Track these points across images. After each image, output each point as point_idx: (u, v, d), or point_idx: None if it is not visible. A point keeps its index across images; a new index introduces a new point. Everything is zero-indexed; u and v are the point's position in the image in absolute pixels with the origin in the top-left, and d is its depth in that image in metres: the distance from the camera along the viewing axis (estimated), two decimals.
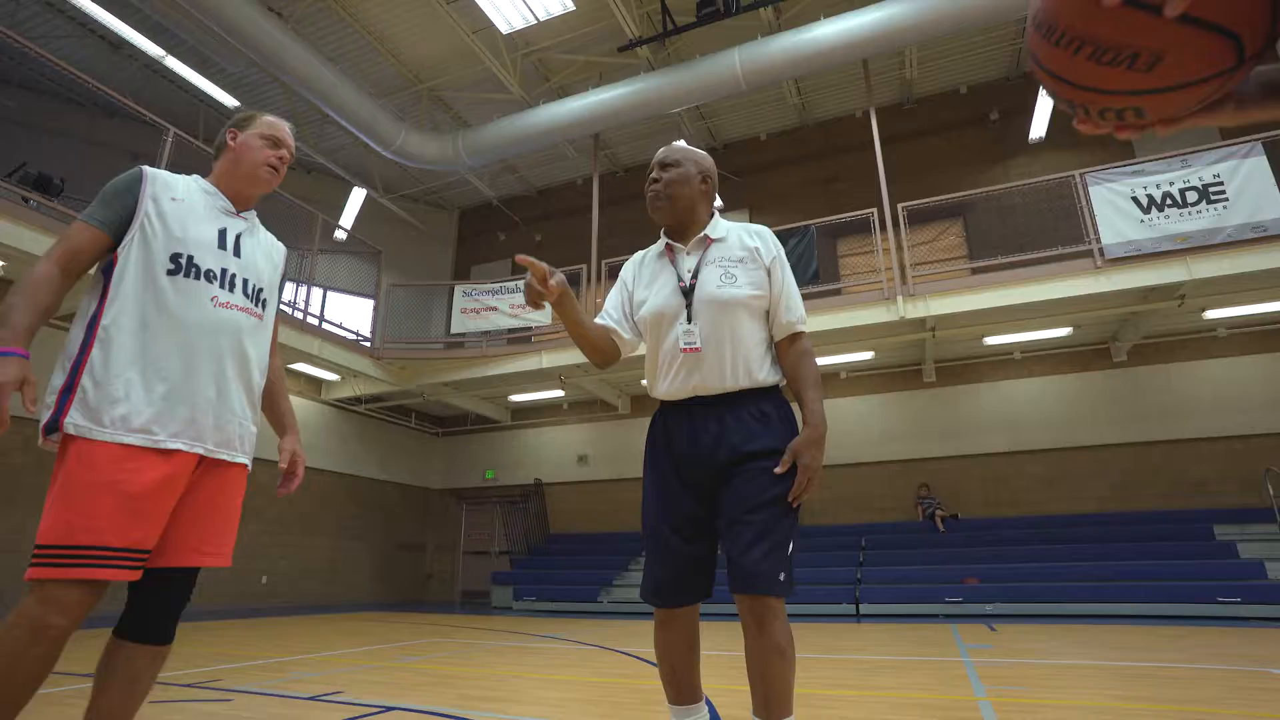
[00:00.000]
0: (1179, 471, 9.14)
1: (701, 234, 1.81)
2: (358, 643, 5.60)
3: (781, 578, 1.54)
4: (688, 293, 1.73)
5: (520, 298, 10.25)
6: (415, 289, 12.07)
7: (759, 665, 1.52)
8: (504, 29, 9.55)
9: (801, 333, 1.74)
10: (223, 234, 1.68)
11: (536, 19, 9.42)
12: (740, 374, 1.68)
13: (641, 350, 1.83)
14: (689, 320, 1.71)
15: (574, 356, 9.75)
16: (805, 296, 8.77)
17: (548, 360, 9.86)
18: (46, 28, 9.81)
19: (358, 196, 12.74)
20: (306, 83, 9.32)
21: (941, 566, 8.49)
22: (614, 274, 10.68)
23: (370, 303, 11.84)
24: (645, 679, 3.66)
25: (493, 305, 10.33)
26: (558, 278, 1.60)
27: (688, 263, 1.79)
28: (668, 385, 1.73)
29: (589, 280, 10.24)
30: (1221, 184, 7.25)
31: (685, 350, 1.69)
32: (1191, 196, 7.34)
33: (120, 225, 1.56)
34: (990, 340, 9.42)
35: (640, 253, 1.94)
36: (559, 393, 11.59)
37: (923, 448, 10.41)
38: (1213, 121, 0.74)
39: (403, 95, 11.52)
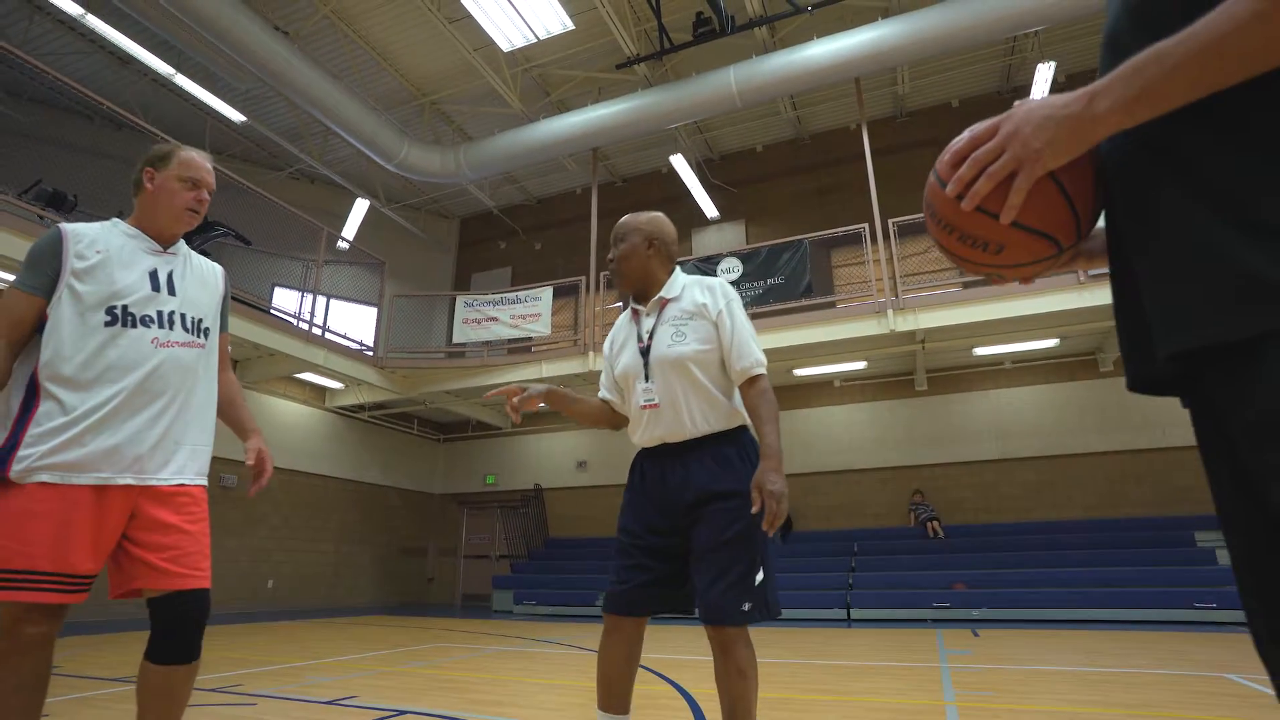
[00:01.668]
0: (1163, 479, 9.39)
1: (659, 295, 1.99)
2: (367, 648, 5.84)
3: (746, 607, 1.75)
4: (645, 353, 1.93)
5: (521, 308, 10.50)
6: (417, 298, 12.31)
7: (724, 685, 1.77)
8: (505, 47, 9.78)
9: (759, 375, 1.86)
10: (154, 275, 1.75)
11: (536, 37, 9.65)
12: (699, 422, 1.86)
13: None
14: (647, 379, 1.91)
15: (573, 366, 9.99)
16: (798, 310, 9.04)
17: (548, 370, 10.10)
18: (58, 44, 10.06)
19: (360, 207, 12.98)
20: (312, 99, 9.55)
21: (931, 572, 8.73)
22: (612, 285, 10.93)
23: (373, 310, 12.10)
24: (643, 683, 3.89)
25: (494, 316, 10.57)
26: (533, 389, 1.88)
27: (647, 324, 1.98)
28: (640, 435, 1.95)
29: (588, 290, 10.47)
30: None
31: (644, 406, 1.90)
32: None
33: (51, 288, 1.63)
34: (980, 350, 9.67)
35: (620, 318, 2.14)
36: None
37: (914, 455, 10.65)
38: (1072, 269, 0.98)
39: (406, 108, 11.76)
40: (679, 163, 11.53)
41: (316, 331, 9.85)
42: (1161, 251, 0.72)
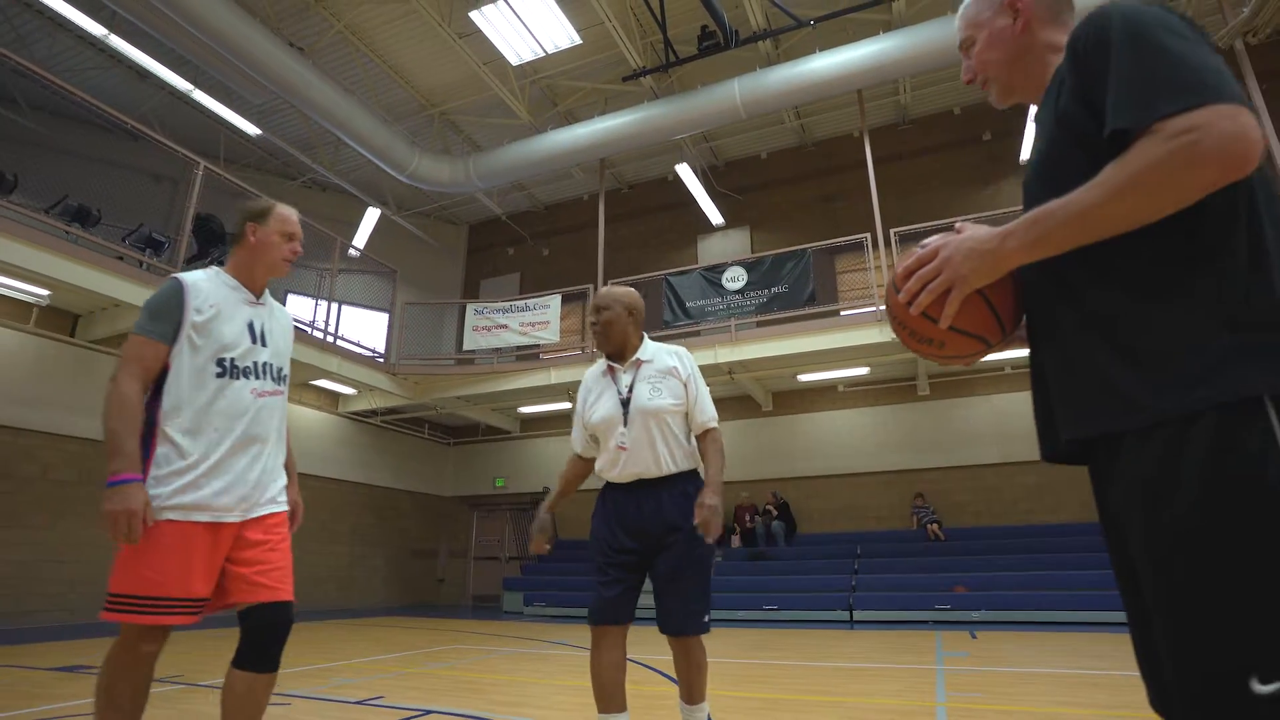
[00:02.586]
0: None
1: (634, 357, 2.39)
2: (386, 649, 6.07)
3: (705, 620, 2.23)
4: (625, 403, 2.31)
5: (530, 316, 10.71)
6: (428, 306, 12.55)
7: (685, 676, 2.26)
8: (514, 61, 10.01)
9: (713, 428, 2.34)
10: (251, 328, 1.95)
11: (545, 52, 9.88)
12: (667, 463, 2.28)
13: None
14: (625, 424, 2.29)
15: (580, 373, 10.21)
16: (802, 318, 9.25)
17: (556, 376, 10.32)
18: (80, 60, 10.33)
19: (372, 216, 13.23)
20: (326, 113, 9.80)
21: (932, 575, 8.91)
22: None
23: (384, 316, 12.33)
24: (650, 684, 4.10)
25: (503, 323, 10.79)
26: (544, 523, 2.49)
27: (625, 379, 2.37)
28: (615, 473, 2.32)
29: (596, 292, 10.66)
30: None
31: (619, 448, 2.29)
32: None
33: (174, 336, 1.82)
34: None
35: (587, 374, 2.52)
36: (566, 405, 12.03)
37: (916, 459, 10.82)
38: (1013, 348, 1.19)
39: (416, 119, 12.01)
40: (684, 171, 11.74)
41: (330, 339, 10.10)
42: (1057, 357, 0.94)
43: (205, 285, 1.91)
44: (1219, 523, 0.75)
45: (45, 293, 7.49)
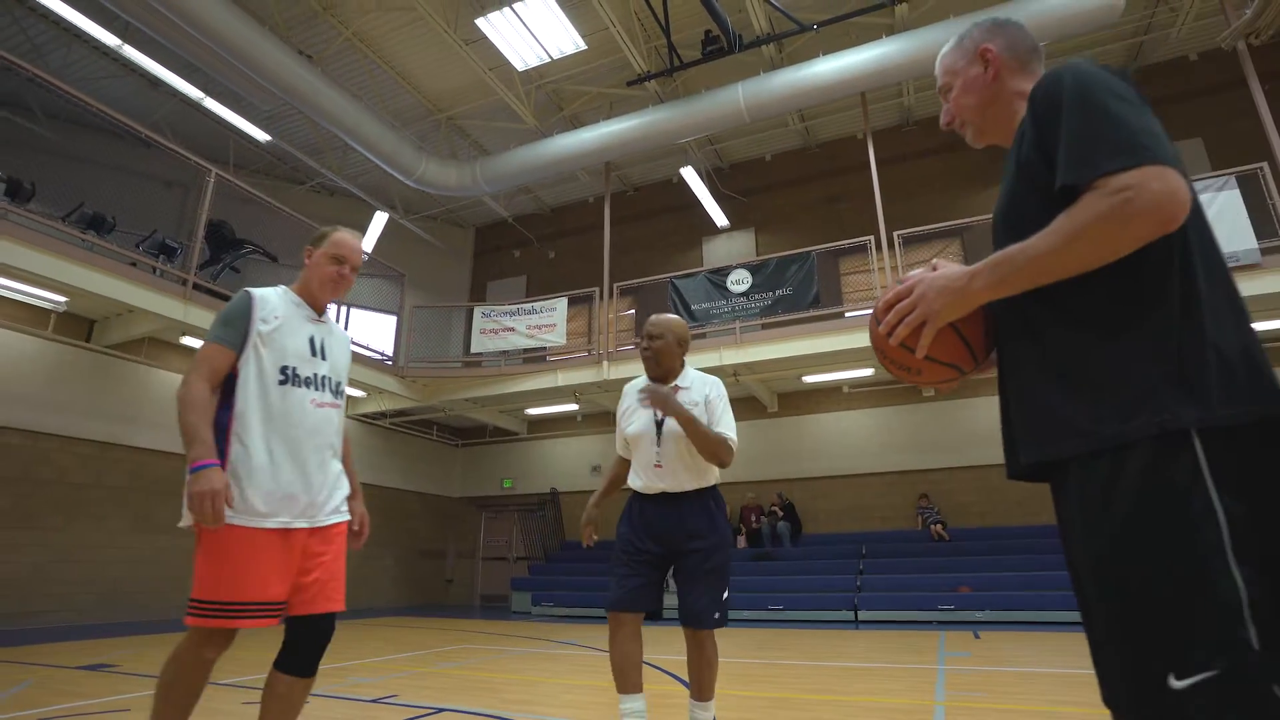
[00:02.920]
0: None
1: (675, 382, 2.64)
2: (398, 649, 6.18)
3: (716, 616, 2.45)
4: (659, 425, 2.58)
5: (537, 319, 10.81)
6: (436, 309, 12.67)
7: (696, 668, 2.47)
8: (519, 67, 10.11)
9: (729, 438, 2.52)
10: (312, 341, 2.07)
11: (550, 57, 9.97)
12: (691, 480, 2.55)
13: None
14: (659, 444, 2.56)
15: (587, 375, 10.31)
16: (806, 320, 9.34)
17: (563, 379, 10.42)
18: (94, 69, 10.49)
19: (380, 220, 13.36)
20: (334, 120, 9.92)
21: (936, 575, 8.97)
22: (625, 294, 11.23)
23: (393, 319, 12.45)
24: (656, 684, 4.19)
25: (510, 326, 10.89)
26: (591, 516, 2.72)
27: None
28: (643, 483, 2.60)
29: (601, 298, 10.77)
30: None
31: (655, 466, 2.56)
32: None
33: (242, 343, 1.94)
34: None
35: (627, 388, 2.76)
36: (573, 406, 12.14)
37: (921, 459, 10.88)
38: (986, 373, 1.27)
39: (423, 124, 12.13)
40: (689, 175, 11.81)
41: None
42: (1018, 385, 1.04)
43: (273, 299, 2.04)
44: (1143, 543, 0.84)
45: (62, 299, 7.64)
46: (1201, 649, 0.79)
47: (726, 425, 2.54)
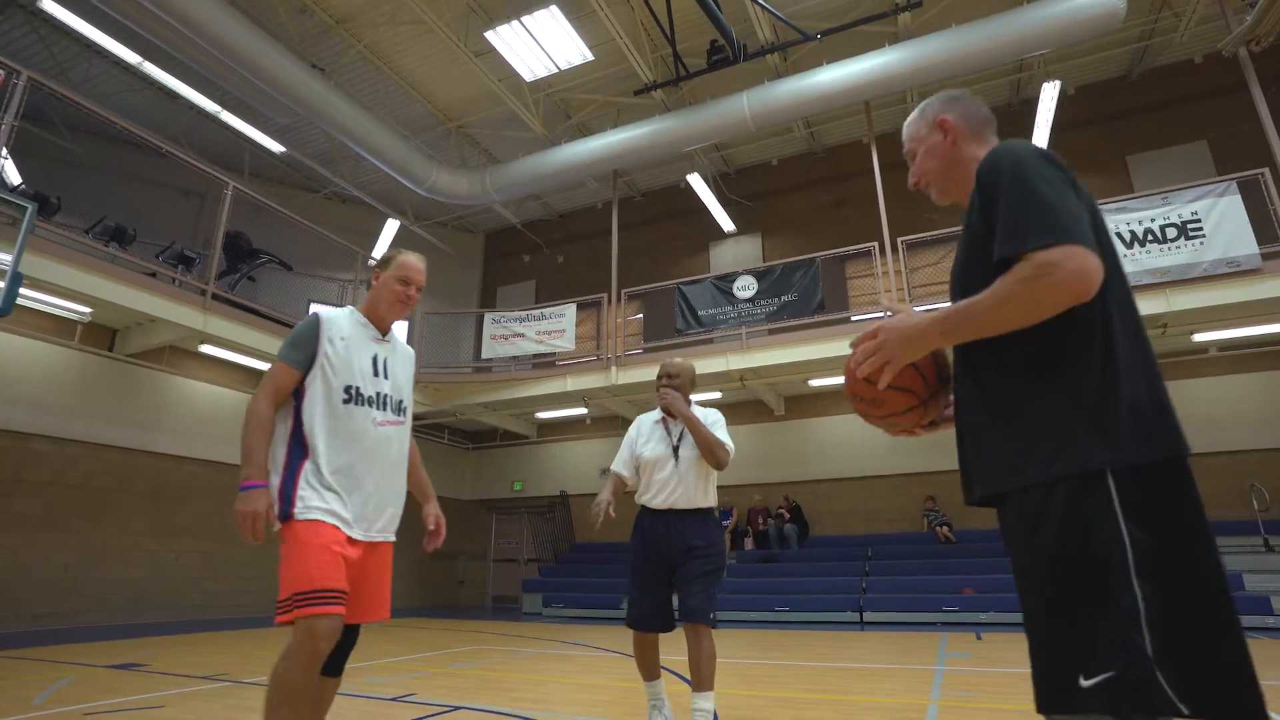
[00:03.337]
0: None
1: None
2: (413, 649, 6.37)
3: (711, 616, 2.84)
4: (675, 449, 3.05)
5: (546, 325, 11.00)
6: (447, 315, 12.88)
7: (696, 661, 2.80)
8: (528, 77, 10.30)
9: (725, 442, 3.00)
10: (375, 360, 2.20)
11: (558, 68, 10.15)
12: (695, 499, 3.00)
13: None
14: (676, 464, 3.02)
15: (595, 380, 10.48)
16: (811, 325, 9.46)
17: (572, 384, 10.60)
18: (114, 83, 10.76)
19: (391, 228, 13.59)
20: (347, 131, 10.14)
21: (942, 577, 9.07)
22: (632, 299, 11.38)
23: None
24: (668, 684, 4.34)
25: (520, 332, 11.08)
26: (603, 501, 2.98)
27: (675, 430, 3.11)
28: (651, 500, 3.04)
29: (609, 303, 10.93)
30: (1199, 221, 7.76)
31: (672, 484, 3.00)
32: (1171, 233, 7.86)
33: (309, 362, 2.09)
34: None
35: (640, 419, 3.26)
36: (582, 410, 12.31)
37: (927, 462, 10.96)
38: (945, 429, 1.42)
39: (434, 133, 12.35)
40: (696, 181, 11.95)
41: None
42: (967, 423, 1.19)
43: (338, 320, 2.18)
44: (1062, 563, 1.00)
45: (87, 310, 7.87)
46: (1105, 652, 0.95)
47: (722, 436, 3.01)
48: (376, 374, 2.19)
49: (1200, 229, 7.74)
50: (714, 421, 3.03)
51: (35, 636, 6.77)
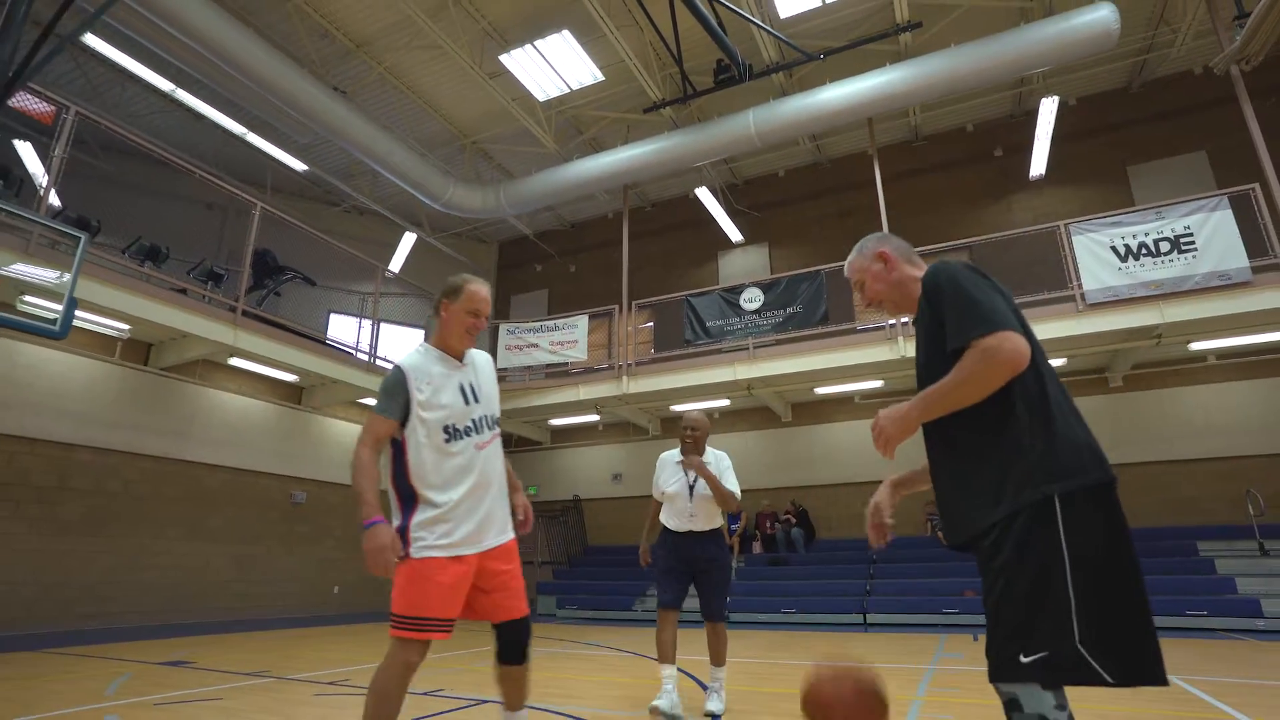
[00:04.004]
0: (1170, 490, 9.83)
1: (704, 457, 3.81)
2: (437, 648, 6.70)
3: (725, 614, 3.74)
4: (691, 486, 3.80)
5: (559, 335, 11.36)
6: None
7: (714, 644, 3.73)
8: (540, 97, 10.67)
9: (735, 493, 3.73)
10: (463, 389, 2.32)
11: (569, 88, 10.52)
12: (710, 523, 3.79)
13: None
14: (691, 501, 3.77)
15: (607, 389, 10.83)
16: (815, 337, 9.76)
17: (585, 392, 10.95)
18: (146, 105, 11.25)
19: (408, 240, 14.02)
20: (367, 150, 10.55)
21: (943, 579, 9.34)
22: (643, 310, 11.71)
23: (420, 333, 13.10)
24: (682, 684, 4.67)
25: (534, 342, 11.45)
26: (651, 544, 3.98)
27: (691, 472, 3.80)
28: (676, 525, 3.82)
29: (621, 312, 11.27)
30: (1192, 235, 8.00)
31: (691, 515, 3.79)
32: (1164, 246, 8.10)
33: (403, 410, 2.24)
34: None
35: (663, 456, 3.98)
36: (595, 417, 12.67)
37: None
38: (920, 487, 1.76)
39: (449, 148, 12.76)
40: (704, 194, 12.27)
41: (372, 360, 10.85)
42: (941, 476, 1.53)
43: (421, 364, 2.31)
44: (1017, 571, 1.34)
45: (126, 327, 8.31)
46: (1041, 636, 1.29)
47: (731, 483, 3.73)
48: (467, 401, 2.32)
49: (1193, 243, 7.98)
50: (724, 469, 3.73)
51: (83, 636, 7.21)
